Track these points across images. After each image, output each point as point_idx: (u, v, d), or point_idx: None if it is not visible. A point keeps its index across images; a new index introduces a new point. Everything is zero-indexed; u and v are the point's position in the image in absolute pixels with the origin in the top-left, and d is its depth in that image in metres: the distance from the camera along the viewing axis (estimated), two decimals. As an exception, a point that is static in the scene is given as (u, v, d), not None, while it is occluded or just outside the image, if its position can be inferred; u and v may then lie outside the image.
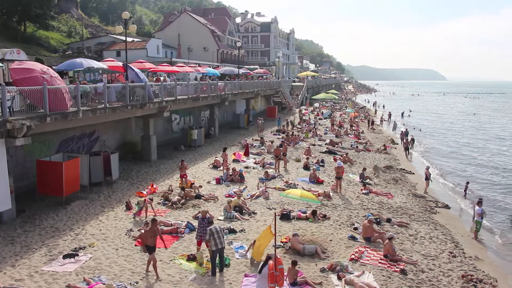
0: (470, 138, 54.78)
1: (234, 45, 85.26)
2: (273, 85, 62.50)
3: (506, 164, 37.94)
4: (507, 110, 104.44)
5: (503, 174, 33.97)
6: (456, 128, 64.79)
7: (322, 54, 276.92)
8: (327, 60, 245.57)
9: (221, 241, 13.37)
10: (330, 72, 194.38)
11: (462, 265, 15.79)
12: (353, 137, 45.45)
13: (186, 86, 33.00)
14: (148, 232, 13.26)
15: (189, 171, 25.70)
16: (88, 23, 75.36)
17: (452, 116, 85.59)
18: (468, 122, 73.86)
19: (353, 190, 24.82)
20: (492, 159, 40.47)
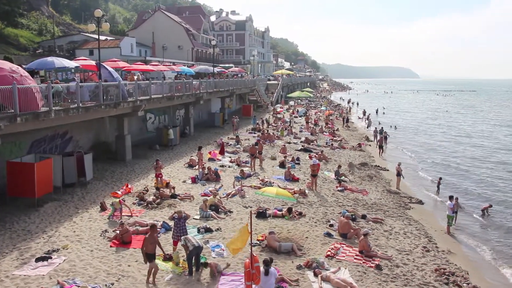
0: (442, 135, 55.84)
1: (209, 43, 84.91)
2: (248, 84, 62.54)
3: (477, 160, 38.82)
4: (477, 107, 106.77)
5: (475, 169, 34.76)
6: (429, 125, 65.91)
7: (297, 52, 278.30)
8: (302, 59, 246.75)
9: (197, 240, 13.37)
10: (305, 70, 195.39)
11: (435, 259, 16.13)
12: (328, 135, 45.83)
13: (161, 85, 32.77)
14: (148, 239, 12.79)
15: (164, 171, 25.54)
16: (59, 21, 73.83)
17: (425, 113, 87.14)
18: (440, 119, 75.24)
19: (329, 187, 25.05)
20: (464, 154, 41.37)
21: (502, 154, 41.79)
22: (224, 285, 12.87)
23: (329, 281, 13.24)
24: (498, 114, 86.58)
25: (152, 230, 13.10)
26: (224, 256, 14.70)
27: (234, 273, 13.54)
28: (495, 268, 17.24)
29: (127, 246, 15.26)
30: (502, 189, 28.77)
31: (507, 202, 25.77)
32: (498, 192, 27.92)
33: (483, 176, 32.45)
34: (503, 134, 56.23)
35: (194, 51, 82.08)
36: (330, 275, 13.43)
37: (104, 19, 27.41)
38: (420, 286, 13.63)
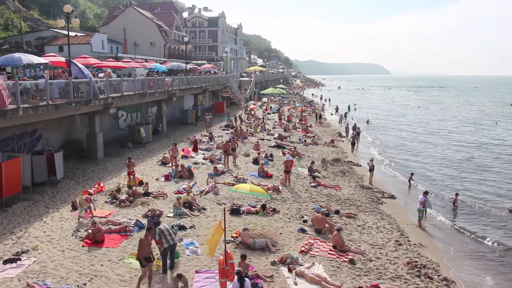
0: (413, 130, 56.87)
1: (182, 40, 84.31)
2: (221, 80, 62.39)
3: (448, 155, 39.69)
4: (446, 103, 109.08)
5: (446, 164, 35.56)
6: (401, 121, 67.08)
7: (270, 49, 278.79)
8: (275, 55, 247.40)
9: (172, 237, 13.30)
10: (278, 67, 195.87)
11: (407, 252, 16.47)
12: (301, 131, 46.12)
13: (133, 82, 32.40)
14: (144, 242, 12.38)
15: (137, 168, 25.27)
16: (26, 16, 72.01)
17: (397, 109, 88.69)
18: (411, 115, 76.58)
19: (302, 183, 25.22)
20: (435, 149, 42.23)
21: (470, 149, 42.81)
22: (198, 282, 12.84)
23: (303, 276, 13.37)
24: (465, 110, 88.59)
25: (148, 232, 12.81)
26: (199, 253, 14.65)
27: (209, 270, 13.53)
28: (464, 259, 17.65)
29: (100, 245, 15.05)
30: (470, 184, 29.51)
31: (475, 195, 26.47)
32: (466, 188, 28.62)
33: (453, 170, 33.25)
34: (470, 130, 57.57)
35: (167, 47, 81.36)
36: (304, 271, 13.55)
37: (73, 14, 26.89)
38: (393, 279, 13.88)
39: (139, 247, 12.38)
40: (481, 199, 25.67)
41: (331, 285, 12.88)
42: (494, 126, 60.95)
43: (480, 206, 24.21)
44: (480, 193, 26.96)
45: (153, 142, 35.36)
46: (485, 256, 17.98)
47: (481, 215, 22.86)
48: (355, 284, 13.18)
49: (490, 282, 15.67)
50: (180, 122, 47.00)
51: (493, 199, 25.89)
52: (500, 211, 23.39)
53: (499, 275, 16.31)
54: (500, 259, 17.65)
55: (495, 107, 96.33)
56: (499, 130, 56.82)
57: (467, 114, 78.05)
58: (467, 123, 64.65)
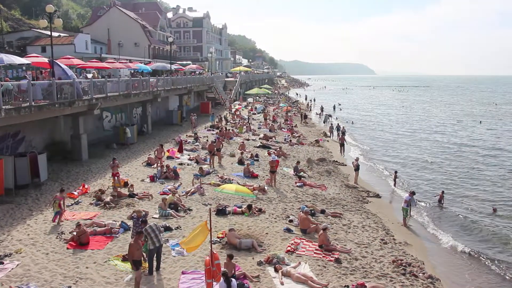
0: (399, 129, 57.41)
1: (166, 40, 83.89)
2: (206, 81, 62.25)
3: (432, 154, 40.10)
4: (431, 102, 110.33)
5: (431, 162, 35.93)
6: (386, 121, 67.62)
7: (255, 49, 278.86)
8: (260, 55, 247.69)
9: (159, 239, 13.22)
10: (263, 67, 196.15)
11: (393, 250, 16.62)
12: (286, 131, 46.25)
13: (117, 83, 32.18)
14: (134, 245, 12.22)
15: (122, 170, 25.13)
16: (8, 16, 70.93)
17: (381, 109, 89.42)
18: (396, 114, 77.30)
19: (288, 183, 25.30)
20: (419, 149, 42.67)
21: (454, 148, 43.32)
22: (185, 283, 12.81)
23: (290, 276, 13.41)
24: (449, 109, 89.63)
25: (138, 236, 12.63)
26: (185, 254, 14.61)
27: (195, 271, 13.50)
28: (449, 257, 17.87)
29: (85, 248, 14.92)
30: (455, 182, 29.85)
31: (460, 192, 26.86)
32: (452, 184, 29.02)
33: (438, 168, 33.66)
34: (453, 129, 58.26)
35: (151, 48, 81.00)
36: (291, 270, 13.60)
37: (56, 14, 26.61)
38: (379, 277, 13.99)
39: (129, 251, 12.26)
40: (466, 197, 26.05)
41: (317, 285, 12.95)
42: (478, 125, 61.78)
43: (465, 205, 24.49)
44: (465, 192, 27.32)
45: (138, 143, 35.17)
46: (470, 254, 18.20)
47: (466, 214, 23.12)
48: (341, 283, 13.26)
49: (474, 280, 15.90)
50: (165, 123, 46.78)
51: (478, 197, 26.27)
52: (485, 210, 23.70)
53: (483, 273, 16.56)
54: (484, 257, 17.87)
55: (478, 106, 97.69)
56: (482, 129, 57.58)
57: (450, 114, 78.99)
58: (451, 122, 65.38)
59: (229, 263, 12.70)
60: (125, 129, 33.99)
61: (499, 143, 45.91)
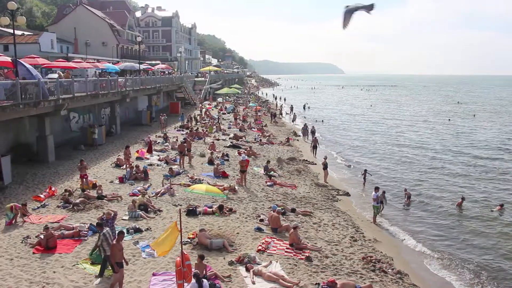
0: (367, 128, 58.28)
1: (135, 40, 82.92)
2: (175, 81, 61.82)
3: (401, 151, 40.92)
4: (398, 101, 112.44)
5: (400, 160, 36.69)
6: (355, 119, 68.52)
7: (224, 49, 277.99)
8: (230, 55, 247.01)
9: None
10: (233, 66, 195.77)
11: (363, 248, 16.87)
12: (256, 131, 46.35)
13: (84, 83, 31.62)
14: (116, 246, 12.01)
15: (90, 171, 24.71)
16: (-33, 14, 68.80)
17: (350, 108, 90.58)
18: (365, 114, 78.40)
19: (258, 183, 25.36)
20: (388, 147, 43.40)
21: (422, 145, 44.29)
22: (155, 285, 12.69)
23: (261, 275, 13.44)
24: (416, 108, 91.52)
25: (119, 237, 12.41)
26: (155, 256, 14.45)
27: (166, 272, 13.39)
28: (416, 253, 18.28)
29: (52, 252, 14.56)
30: (422, 179, 30.50)
31: (427, 190, 27.41)
32: (419, 181, 29.62)
33: (406, 166, 34.35)
34: (422, 127, 59.54)
35: (119, 47, 79.84)
36: (262, 269, 13.64)
37: (19, 12, 25.90)
38: (349, 274, 14.15)
39: (111, 253, 12.06)
40: (435, 191, 26.83)
41: (289, 283, 13.02)
42: (447, 123, 63.31)
43: (432, 203, 24.95)
44: (434, 187, 28.01)
45: (107, 144, 34.64)
46: (437, 248, 18.68)
47: (433, 209, 23.68)
48: (312, 280, 13.37)
49: (441, 274, 16.32)
50: (134, 123, 46.22)
51: (447, 189, 27.15)
52: (451, 205, 24.26)
53: (450, 267, 16.97)
54: (451, 251, 18.36)
55: (444, 105, 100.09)
56: (452, 127, 59.03)
57: (418, 112, 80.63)
58: (419, 120, 66.74)
59: (200, 263, 12.64)
60: (93, 130, 33.42)
61: (462, 140, 47.19)
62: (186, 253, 12.18)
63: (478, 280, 15.91)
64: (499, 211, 23.20)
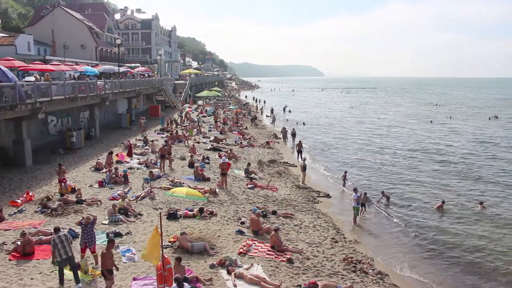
0: (348, 130, 58.80)
1: (114, 42, 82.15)
2: (155, 84, 61.47)
3: (382, 154, 41.31)
4: (377, 104, 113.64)
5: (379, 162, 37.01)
6: (335, 122, 68.95)
7: (204, 51, 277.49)
8: (210, 58, 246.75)
9: (66, 250, 12.53)
10: (213, 69, 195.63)
11: (343, 249, 17.04)
12: (237, 133, 46.35)
13: (63, 86, 31.21)
14: (106, 254, 11.94)
15: (69, 175, 24.38)
16: None
17: (331, 110, 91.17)
18: (346, 115, 79.05)
19: (239, 185, 25.37)
20: (369, 148, 43.89)
21: (403, 146, 44.90)
22: (136, 290, 12.59)
23: (243, 278, 13.45)
24: (397, 110, 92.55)
25: (110, 244, 12.32)
26: (136, 260, 14.36)
27: (147, 277, 13.29)
28: (396, 252, 18.47)
29: (30, 258, 14.28)
30: (403, 181, 30.82)
31: (404, 191, 27.73)
32: (399, 183, 29.94)
33: (385, 168, 34.69)
34: (401, 128, 60.35)
35: (98, 50, 79.02)
36: (243, 272, 13.65)
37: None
38: (330, 275, 14.28)
39: (101, 260, 12.00)
40: (415, 194, 27.12)
41: (270, 285, 13.06)
42: (425, 125, 64.22)
43: (411, 203, 25.29)
44: (413, 190, 28.26)
45: (86, 147, 34.22)
46: (417, 248, 18.94)
47: (413, 211, 23.93)
48: (293, 282, 13.43)
49: (422, 274, 16.52)
50: (114, 127, 45.75)
51: (427, 192, 27.43)
52: (431, 206, 24.58)
53: (431, 266, 17.22)
54: (431, 251, 18.63)
55: (423, 106, 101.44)
56: (433, 129, 59.89)
57: (397, 114, 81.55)
58: (397, 122, 67.53)
59: (178, 266, 12.58)
60: (71, 133, 32.98)
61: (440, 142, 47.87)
62: (167, 257, 12.11)
63: (459, 280, 16.14)
64: (481, 210, 23.62)
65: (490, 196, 26.48)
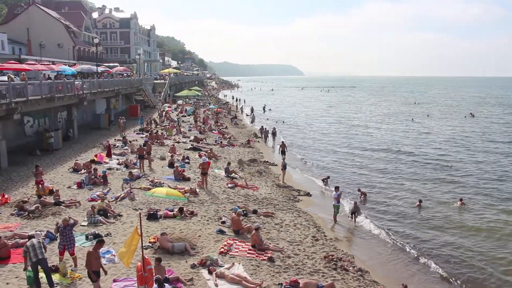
0: (328, 129, 59.23)
1: (92, 41, 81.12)
2: (134, 83, 60.96)
3: (362, 152, 41.71)
4: (358, 102, 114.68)
5: (358, 160, 37.36)
6: (314, 120, 69.36)
7: (184, 51, 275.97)
8: (189, 57, 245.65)
9: (36, 253, 12.23)
10: (193, 69, 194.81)
11: (324, 247, 17.14)
12: (217, 133, 46.24)
13: (39, 86, 30.69)
14: (92, 254, 11.71)
15: (47, 177, 24.00)
16: None
17: (310, 109, 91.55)
18: (325, 114, 79.51)
19: (219, 185, 25.31)
20: (348, 147, 44.25)
21: (383, 144, 45.37)
22: (116, 291, 12.45)
23: (224, 277, 13.43)
24: (376, 109, 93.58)
25: (98, 244, 12.11)
26: (116, 261, 14.20)
27: (127, 278, 13.15)
28: (377, 250, 18.64)
29: (5, 262, 13.99)
30: (383, 179, 31.18)
31: (381, 189, 28.09)
32: (378, 180, 30.26)
33: (364, 165, 35.05)
34: (378, 128, 60.94)
35: (76, 49, 77.94)
36: (225, 272, 13.62)
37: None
38: (311, 273, 14.35)
39: (87, 260, 11.79)
40: (393, 190, 27.59)
41: (252, 284, 13.05)
42: (408, 122, 64.96)
43: (390, 201, 25.58)
44: (392, 186, 28.72)
45: (64, 148, 33.72)
46: (395, 245, 19.14)
47: (390, 208, 24.23)
48: (275, 281, 13.45)
49: (400, 270, 16.76)
50: (93, 127, 45.18)
51: (406, 189, 27.90)
52: (409, 204, 24.91)
53: (410, 263, 17.44)
54: (408, 248, 18.84)
55: (403, 105, 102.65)
56: (411, 126, 60.70)
57: (377, 113, 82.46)
58: (376, 121, 68.17)
59: (158, 266, 12.50)
60: (49, 134, 32.46)
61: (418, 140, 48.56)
62: (147, 258, 12.01)
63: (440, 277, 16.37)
64: (460, 206, 24.00)
65: (466, 194, 26.88)
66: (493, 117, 72.89)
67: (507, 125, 62.45)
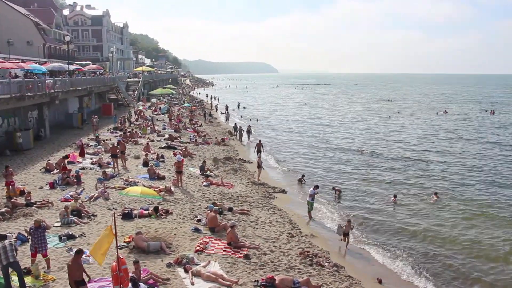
0: (303, 126, 59.47)
1: (63, 39, 79.63)
2: (107, 82, 60.18)
3: (339, 148, 42.20)
4: (332, 99, 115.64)
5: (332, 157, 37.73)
6: (289, 118, 69.59)
7: (158, 48, 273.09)
8: (163, 55, 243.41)
9: (7, 256, 11.90)
10: (167, 67, 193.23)
11: (300, 243, 17.26)
12: (192, 131, 46.05)
13: (8, 84, 30.03)
14: (73, 265, 11.44)
15: (17, 178, 23.53)
16: None
17: (285, 107, 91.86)
18: (299, 112, 79.85)
19: (194, 183, 25.25)
20: (324, 144, 44.63)
21: (353, 142, 45.90)
22: (91, 292, 12.31)
23: (200, 275, 13.42)
24: (351, 106, 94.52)
25: (77, 255, 11.84)
26: (90, 262, 14.02)
27: (102, 278, 13.03)
28: (352, 246, 18.83)
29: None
30: (357, 174, 31.57)
31: (356, 186, 28.39)
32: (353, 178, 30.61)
33: (340, 163, 35.39)
34: (356, 124, 61.72)
35: (46, 47, 76.30)
36: (201, 270, 13.61)
37: None
38: (287, 270, 14.45)
39: (68, 272, 11.56)
40: (368, 187, 27.85)
41: (228, 282, 13.08)
42: (383, 119, 65.84)
43: (364, 198, 25.86)
44: (368, 183, 29.03)
45: (35, 148, 33.10)
46: (371, 240, 19.44)
47: (365, 205, 24.51)
48: (251, 278, 13.51)
49: (375, 265, 17.03)
50: (65, 126, 44.44)
51: (381, 185, 28.29)
52: (385, 198, 25.30)
53: (385, 259, 17.68)
54: (387, 241, 19.21)
55: (375, 102, 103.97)
56: (387, 123, 61.54)
57: (351, 110, 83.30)
58: (351, 118, 68.95)
59: (137, 268, 12.44)
60: (18, 134, 31.77)
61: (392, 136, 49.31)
62: (123, 257, 11.91)
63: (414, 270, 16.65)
64: (436, 200, 24.52)
65: (440, 188, 27.45)
66: (461, 114, 74.23)
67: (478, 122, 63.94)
